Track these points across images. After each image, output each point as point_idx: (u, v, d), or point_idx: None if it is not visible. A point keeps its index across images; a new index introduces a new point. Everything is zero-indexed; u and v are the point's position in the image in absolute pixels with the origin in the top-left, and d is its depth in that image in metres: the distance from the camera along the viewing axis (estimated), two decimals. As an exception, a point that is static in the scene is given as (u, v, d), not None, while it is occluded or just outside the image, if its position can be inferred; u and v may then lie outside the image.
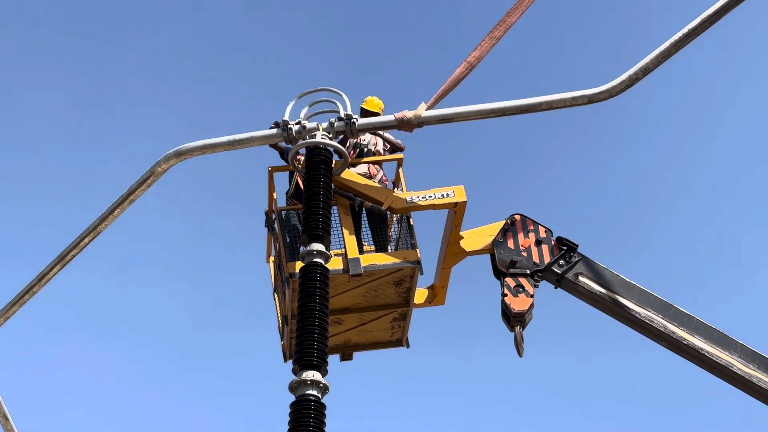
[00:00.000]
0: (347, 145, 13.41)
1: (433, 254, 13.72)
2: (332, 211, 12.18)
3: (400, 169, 13.48)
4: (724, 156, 31.89)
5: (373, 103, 13.99)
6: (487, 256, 13.41)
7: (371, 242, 13.28)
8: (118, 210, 12.29)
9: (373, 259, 12.68)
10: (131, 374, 30.35)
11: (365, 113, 13.73)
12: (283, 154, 13.69)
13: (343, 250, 12.57)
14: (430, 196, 12.89)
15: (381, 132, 13.71)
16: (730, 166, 31.72)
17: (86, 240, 12.43)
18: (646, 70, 11.48)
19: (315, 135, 11.97)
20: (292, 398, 10.19)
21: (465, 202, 12.86)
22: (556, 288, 13.26)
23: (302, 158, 12.42)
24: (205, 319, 31.91)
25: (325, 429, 10.10)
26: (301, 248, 11.53)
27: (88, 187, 31.59)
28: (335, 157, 12.09)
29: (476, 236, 13.45)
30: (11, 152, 31.91)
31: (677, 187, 32.48)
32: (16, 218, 31.65)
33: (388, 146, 13.97)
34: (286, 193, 13.70)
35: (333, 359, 13.68)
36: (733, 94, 31.37)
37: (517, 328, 12.83)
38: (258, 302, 28.74)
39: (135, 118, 32.97)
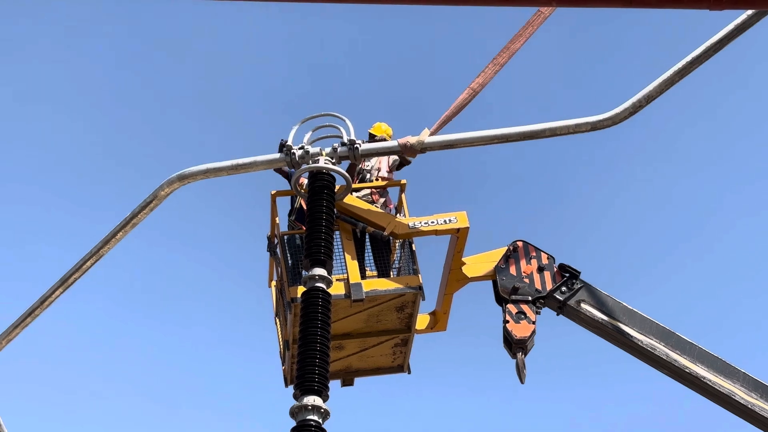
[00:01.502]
0: (355, 171, 13.41)
1: (435, 280, 13.73)
2: (335, 236, 12.18)
3: (403, 195, 13.49)
4: (731, 179, 31.91)
5: (380, 129, 13.98)
6: (489, 283, 13.39)
7: (373, 267, 13.27)
8: (121, 233, 12.29)
9: (375, 284, 12.67)
10: (131, 399, 30.30)
11: (373, 139, 13.71)
12: (289, 178, 13.70)
13: (345, 275, 12.55)
14: (432, 222, 12.89)
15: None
16: (736, 187, 31.75)
17: (89, 263, 12.43)
18: (649, 98, 11.52)
19: (318, 160, 11.99)
20: (293, 423, 10.17)
21: (467, 228, 12.86)
22: (558, 315, 13.23)
23: (305, 182, 12.44)
24: (206, 343, 31.86)
25: (326, 454, 10.09)
26: (303, 273, 11.53)
27: (92, 210, 31.59)
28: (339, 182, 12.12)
29: (478, 262, 13.44)
30: (15, 175, 31.94)
31: (683, 214, 32.47)
32: (19, 241, 31.65)
33: (395, 166, 13.92)
34: (289, 215, 13.69)
35: (334, 385, 13.64)
36: (740, 117, 31.41)
37: (519, 355, 12.80)
38: (259, 327, 28.67)
39: (137, 141, 33.02)
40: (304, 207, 13.33)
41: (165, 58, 33.28)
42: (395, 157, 13.80)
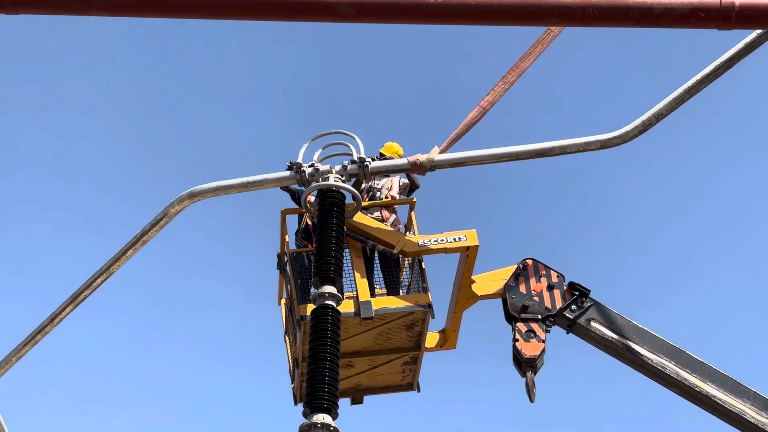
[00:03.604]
0: (360, 188, 13.42)
1: (444, 298, 13.73)
2: (344, 254, 12.18)
3: (413, 213, 13.50)
4: (742, 197, 31.88)
5: (391, 148, 13.99)
6: (499, 301, 13.38)
7: (383, 285, 13.27)
8: (131, 251, 12.30)
9: (385, 302, 12.67)
10: (139, 416, 30.29)
11: (384, 159, 13.69)
12: (294, 196, 13.71)
13: (355, 293, 12.56)
14: (442, 240, 12.89)
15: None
16: (747, 205, 31.72)
17: (99, 280, 12.43)
18: (659, 116, 11.50)
19: (328, 177, 11.99)
20: (302, 441, 10.15)
21: (477, 246, 12.86)
22: (567, 333, 13.22)
23: (312, 199, 12.45)
24: (216, 361, 31.87)
25: (335, 473, 10.07)
26: (313, 290, 11.53)
27: (103, 228, 31.66)
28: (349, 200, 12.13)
29: (488, 280, 13.43)
30: (25, 192, 32.04)
31: (693, 232, 32.44)
32: (30, 258, 31.73)
33: (405, 188, 13.95)
34: (296, 233, 13.71)
35: (344, 402, 13.66)
36: (750, 134, 31.40)
37: (529, 374, 12.79)
38: (269, 345, 28.71)
39: (147, 158, 33.13)
40: (310, 224, 13.38)
41: (176, 75, 33.39)
42: (406, 180, 13.85)
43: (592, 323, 12.97)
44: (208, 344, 32.01)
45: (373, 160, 12.35)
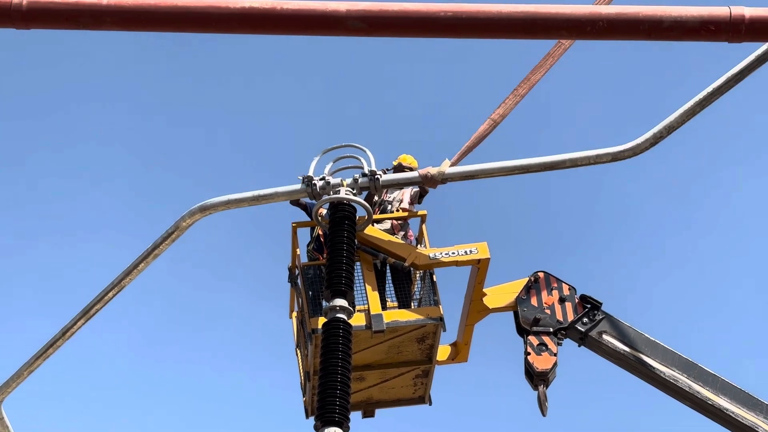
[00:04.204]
0: (373, 201, 13.41)
1: (456, 311, 13.70)
2: (355, 267, 12.17)
3: (424, 226, 13.49)
4: (754, 209, 31.81)
5: (406, 161, 13.96)
6: (511, 314, 13.36)
7: (394, 298, 13.26)
8: (143, 264, 12.31)
9: (396, 315, 12.65)
10: (150, 430, 30.31)
11: (398, 171, 13.65)
12: (306, 210, 13.71)
13: (366, 306, 12.55)
14: (453, 253, 12.88)
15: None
16: (760, 217, 31.63)
17: (110, 294, 12.44)
18: (670, 129, 11.48)
19: (339, 191, 11.99)
20: (313, 455, 10.16)
21: (488, 259, 12.84)
22: (579, 346, 13.19)
23: (323, 212, 12.45)
24: (227, 374, 31.86)
25: (347, 486, 10.07)
26: (324, 304, 11.53)
27: (113, 241, 31.71)
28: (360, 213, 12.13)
29: (499, 293, 13.41)
30: (37, 207, 32.14)
31: (705, 244, 32.35)
32: (42, 273, 31.79)
33: (416, 196, 13.91)
34: (307, 246, 13.72)
35: (355, 416, 13.61)
36: (761, 146, 31.35)
37: (541, 387, 12.76)
38: (280, 358, 28.66)
39: (158, 172, 33.19)
40: (321, 236, 13.37)
41: (188, 88, 33.48)
42: (417, 189, 13.81)
43: (604, 336, 12.94)
44: (219, 358, 32.01)
45: (384, 172, 12.35)
